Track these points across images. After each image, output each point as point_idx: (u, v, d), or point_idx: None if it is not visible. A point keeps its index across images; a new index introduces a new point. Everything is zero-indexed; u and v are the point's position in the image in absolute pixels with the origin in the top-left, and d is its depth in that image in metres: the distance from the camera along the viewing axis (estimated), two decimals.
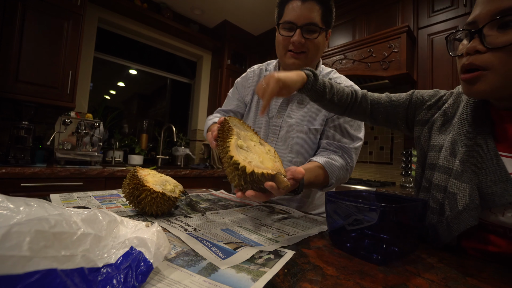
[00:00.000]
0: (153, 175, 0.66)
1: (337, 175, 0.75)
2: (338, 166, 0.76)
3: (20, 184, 1.56)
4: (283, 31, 0.78)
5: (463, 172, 0.47)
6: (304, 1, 0.75)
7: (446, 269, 0.40)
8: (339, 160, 0.78)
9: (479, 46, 0.41)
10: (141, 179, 0.59)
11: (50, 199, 0.67)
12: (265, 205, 0.84)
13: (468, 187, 0.45)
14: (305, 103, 0.87)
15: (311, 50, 0.79)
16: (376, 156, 2.30)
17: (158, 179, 0.65)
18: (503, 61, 0.39)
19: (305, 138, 0.84)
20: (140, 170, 0.64)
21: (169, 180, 0.68)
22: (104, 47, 2.61)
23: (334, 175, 0.74)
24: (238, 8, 2.71)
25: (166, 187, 0.63)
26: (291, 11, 0.76)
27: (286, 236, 0.52)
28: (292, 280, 0.33)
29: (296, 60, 0.79)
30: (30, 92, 1.78)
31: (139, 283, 0.28)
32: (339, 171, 0.75)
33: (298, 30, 0.75)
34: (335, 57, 2.17)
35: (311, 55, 0.80)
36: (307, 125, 0.84)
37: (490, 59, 0.40)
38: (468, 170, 0.46)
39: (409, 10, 1.91)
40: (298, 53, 0.79)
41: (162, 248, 0.32)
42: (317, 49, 0.80)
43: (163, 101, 3.25)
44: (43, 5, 1.81)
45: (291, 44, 0.78)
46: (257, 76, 0.96)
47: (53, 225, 0.27)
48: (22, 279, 0.22)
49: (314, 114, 0.85)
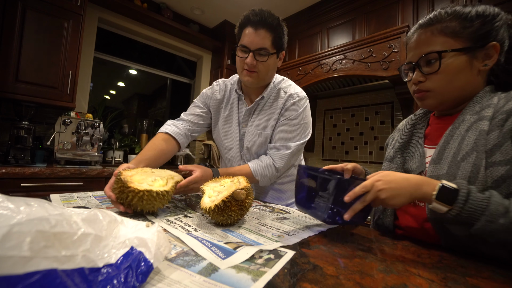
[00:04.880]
0: (142, 173, 0.65)
1: (261, 172, 0.92)
2: (263, 165, 0.93)
3: (20, 184, 1.56)
4: (240, 53, 0.90)
5: (394, 156, 0.69)
6: (257, 29, 0.86)
7: (446, 269, 0.40)
8: (265, 160, 0.94)
9: (420, 78, 0.60)
10: (125, 181, 0.57)
11: (50, 199, 0.67)
12: (265, 205, 0.84)
13: (394, 167, 0.67)
14: (264, 111, 0.99)
15: (262, 71, 0.91)
16: (376, 156, 2.30)
17: (146, 176, 0.63)
18: (436, 84, 0.59)
19: (258, 141, 0.98)
20: (124, 172, 0.63)
21: (162, 174, 0.67)
22: (104, 47, 2.60)
23: (258, 173, 0.92)
24: (238, 8, 2.71)
25: (155, 182, 0.61)
26: (245, 37, 0.87)
27: (286, 236, 0.52)
28: (292, 280, 0.33)
29: (249, 78, 0.91)
30: (30, 92, 1.78)
31: (139, 283, 0.28)
32: (262, 170, 0.93)
33: (251, 53, 0.87)
34: (335, 57, 2.17)
35: (262, 75, 0.92)
36: (260, 130, 0.98)
37: (429, 84, 0.60)
38: (398, 156, 0.68)
39: (409, 10, 1.91)
40: (251, 71, 0.90)
41: (162, 248, 0.33)
42: (267, 69, 0.92)
43: (163, 101, 3.25)
44: (43, 5, 1.81)
45: (245, 64, 0.89)
46: (223, 90, 1.07)
47: (54, 225, 0.27)
48: (22, 279, 0.22)
49: (267, 120, 0.98)
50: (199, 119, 1.07)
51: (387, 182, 0.49)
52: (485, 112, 0.53)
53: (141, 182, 0.60)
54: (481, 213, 0.43)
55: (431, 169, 0.56)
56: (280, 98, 0.98)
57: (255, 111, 1.00)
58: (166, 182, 0.64)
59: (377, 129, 2.33)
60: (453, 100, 0.60)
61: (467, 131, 0.53)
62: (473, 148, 0.50)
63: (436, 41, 0.58)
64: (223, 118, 1.05)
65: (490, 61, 0.56)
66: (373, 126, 2.36)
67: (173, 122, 1.04)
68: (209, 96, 1.08)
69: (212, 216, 0.55)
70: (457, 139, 0.54)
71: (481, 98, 0.57)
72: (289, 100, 0.97)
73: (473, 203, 0.43)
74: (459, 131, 0.55)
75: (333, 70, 2.17)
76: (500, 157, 0.47)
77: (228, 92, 1.07)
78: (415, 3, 1.89)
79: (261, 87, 0.99)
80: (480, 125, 0.52)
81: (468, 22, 0.56)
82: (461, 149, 0.52)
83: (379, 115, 2.33)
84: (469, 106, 0.57)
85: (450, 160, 0.53)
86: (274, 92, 1.00)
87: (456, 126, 0.57)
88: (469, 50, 0.56)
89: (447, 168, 0.53)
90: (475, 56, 0.56)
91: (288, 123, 0.95)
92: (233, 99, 1.04)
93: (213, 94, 1.07)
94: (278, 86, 1.00)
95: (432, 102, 0.61)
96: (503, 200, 0.43)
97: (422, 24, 0.61)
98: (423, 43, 0.60)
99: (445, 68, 0.57)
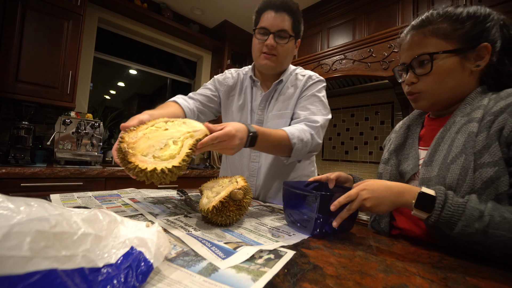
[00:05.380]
0: (151, 133, 0.52)
1: (298, 135, 0.81)
2: (299, 128, 0.83)
3: (20, 184, 1.56)
4: (259, 36, 0.91)
5: (389, 158, 0.70)
6: (277, 11, 0.87)
7: (446, 269, 0.40)
8: (299, 126, 0.85)
9: (413, 79, 0.61)
10: (125, 152, 0.46)
11: (50, 199, 0.67)
12: (265, 205, 0.84)
13: (389, 169, 0.68)
14: (282, 94, 0.97)
15: (281, 54, 0.91)
16: (376, 156, 2.30)
17: (156, 139, 0.51)
18: (428, 85, 0.59)
19: (277, 123, 0.94)
20: (127, 136, 0.49)
21: (178, 131, 0.54)
22: (104, 47, 2.60)
23: (295, 136, 0.81)
24: (238, 8, 2.71)
25: (165, 149, 0.50)
26: (265, 19, 0.89)
27: (286, 236, 0.52)
28: (292, 280, 0.33)
29: (268, 61, 0.91)
30: (30, 92, 1.78)
31: (139, 283, 0.28)
32: (299, 133, 0.82)
33: (271, 35, 0.88)
34: (335, 57, 2.17)
35: (281, 59, 0.92)
36: (280, 111, 0.95)
37: (421, 85, 0.60)
38: (393, 158, 0.69)
39: (409, 10, 1.91)
40: (270, 55, 0.90)
41: (162, 248, 0.33)
42: (287, 53, 0.92)
43: (163, 101, 3.22)
44: (43, 5, 1.81)
45: (265, 47, 0.90)
46: (235, 78, 1.05)
47: (54, 225, 0.27)
48: (22, 279, 0.22)
49: (287, 101, 0.95)
50: (209, 101, 1.03)
51: (371, 191, 0.51)
52: (474, 114, 0.53)
53: (145, 152, 0.48)
54: (458, 218, 0.44)
55: (423, 171, 0.57)
56: (298, 81, 0.97)
57: (273, 96, 0.98)
58: (180, 146, 0.52)
59: (377, 129, 2.33)
60: (445, 101, 0.60)
61: (457, 133, 0.54)
62: (462, 150, 0.51)
63: (428, 42, 0.58)
64: (237, 107, 1.02)
65: (482, 62, 0.56)
66: (373, 126, 2.36)
67: (183, 97, 0.98)
68: (220, 81, 1.06)
69: (211, 217, 0.55)
70: (448, 141, 0.55)
71: (472, 99, 0.57)
72: (309, 81, 0.96)
73: (449, 209, 0.45)
74: (449, 133, 0.56)
75: (333, 70, 2.17)
76: (488, 159, 0.48)
77: (240, 80, 1.05)
78: (415, 3, 1.89)
79: (277, 74, 0.98)
80: (469, 127, 0.52)
81: (459, 24, 0.56)
82: (451, 151, 0.53)
83: (379, 115, 2.33)
84: (460, 108, 0.58)
85: (441, 162, 0.54)
86: (291, 77, 0.99)
87: (447, 128, 0.57)
88: (461, 52, 0.56)
89: (437, 171, 0.53)
90: (467, 57, 0.56)
91: (310, 98, 0.93)
92: (246, 87, 1.02)
93: (225, 80, 1.05)
94: (295, 72, 1.00)
95: (424, 103, 0.62)
96: (480, 204, 0.44)
97: (415, 26, 0.61)
98: (415, 45, 0.60)
99: (437, 70, 0.57)
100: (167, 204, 0.72)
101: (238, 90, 1.04)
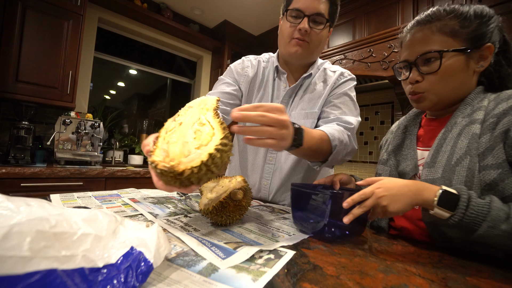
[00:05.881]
0: (172, 137, 0.44)
1: (338, 137, 0.72)
2: (337, 129, 0.74)
3: (20, 184, 1.56)
4: (291, 18, 0.79)
5: (387, 159, 0.69)
6: None
7: (446, 269, 0.40)
8: (336, 127, 0.76)
9: (418, 78, 0.59)
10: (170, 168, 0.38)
11: (50, 199, 0.67)
12: (265, 205, 0.84)
13: (388, 170, 0.68)
14: (309, 91, 0.87)
15: (314, 41, 0.80)
16: (376, 156, 2.30)
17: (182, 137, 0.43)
18: (433, 85, 0.58)
19: (303, 124, 0.79)
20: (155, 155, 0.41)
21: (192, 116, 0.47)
22: (104, 47, 2.60)
23: (336, 137, 0.71)
24: (238, 8, 2.71)
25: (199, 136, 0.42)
26: (300, 0, 0.77)
27: (286, 236, 0.52)
28: (292, 280, 0.33)
29: (299, 48, 0.80)
30: (30, 92, 1.78)
31: (139, 283, 0.28)
32: (339, 134, 0.72)
33: (306, 18, 0.76)
34: (335, 57, 2.17)
35: (313, 47, 0.81)
36: (306, 110, 0.85)
37: (425, 85, 0.59)
38: (392, 158, 0.68)
39: (409, 10, 1.91)
40: (302, 41, 0.79)
41: (162, 248, 0.32)
42: (319, 41, 0.81)
43: (163, 101, 3.25)
44: (43, 5, 1.81)
45: (297, 32, 0.78)
46: (255, 67, 0.93)
47: (54, 225, 0.27)
48: (22, 279, 0.22)
49: (314, 100, 0.85)
50: (230, 99, 0.88)
51: (387, 189, 0.48)
52: (476, 115, 0.53)
53: (186, 153, 0.40)
54: (482, 219, 0.42)
55: (425, 172, 0.56)
56: (328, 77, 0.87)
57: (299, 91, 0.87)
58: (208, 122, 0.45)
59: (377, 129, 2.33)
60: (448, 101, 0.60)
61: (460, 134, 0.53)
62: (466, 152, 0.50)
63: (434, 39, 0.56)
64: (257, 100, 0.90)
65: (485, 62, 0.56)
66: (373, 126, 2.36)
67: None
68: (239, 72, 0.93)
69: (211, 217, 0.55)
70: (450, 142, 0.54)
71: (472, 99, 0.57)
72: (341, 78, 0.87)
73: (474, 209, 0.43)
74: (451, 134, 0.55)
75: None
76: (492, 161, 0.47)
77: (261, 70, 0.92)
78: (415, 3, 1.89)
79: (304, 66, 0.87)
80: (472, 128, 0.52)
81: (467, 22, 0.55)
82: (455, 153, 0.52)
83: (379, 115, 2.33)
84: (460, 108, 0.57)
85: (444, 164, 0.53)
86: (320, 72, 0.89)
87: (448, 129, 0.56)
88: (469, 51, 0.55)
89: (441, 172, 0.53)
90: (472, 56, 0.56)
91: (341, 97, 0.84)
92: (268, 78, 0.91)
93: (244, 70, 0.92)
94: (323, 66, 0.91)
95: (427, 103, 0.61)
96: (503, 205, 0.43)
97: (420, 21, 0.59)
98: (421, 41, 0.58)
99: (444, 69, 0.56)
100: (167, 204, 0.72)
101: (258, 82, 0.91)
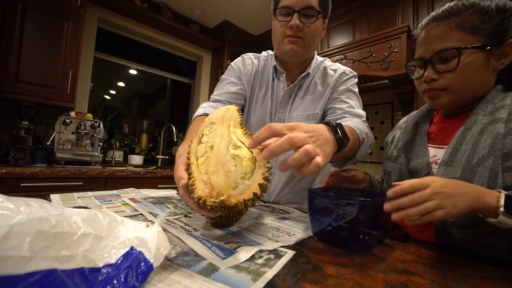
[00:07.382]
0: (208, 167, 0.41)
1: (363, 129, 0.67)
2: (357, 121, 0.69)
3: (20, 184, 1.56)
4: (280, 17, 0.77)
5: (397, 156, 0.65)
6: None
7: (446, 269, 0.40)
8: (355, 119, 0.72)
9: (433, 76, 0.56)
10: (220, 203, 0.37)
11: (50, 199, 0.67)
12: (265, 205, 0.84)
13: (399, 167, 0.64)
14: (309, 92, 0.85)
15: (308, 36, 0.77)
16: (376, 156, 2.30)
17: (221, 165, 0.40)
18: (451, 82, 0.55)
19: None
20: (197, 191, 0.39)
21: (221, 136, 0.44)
22: (104, 47, 2.61)
23: (361, 130, 0.66)
24: (238, 8, 2.71)
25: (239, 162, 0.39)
26: None
27: (286, 236, 0.52)
28: (292, 280, 0.33)
29: (294, 45, 0.77)
30: (30, 92, 1.78)
31: (139, 283, 0.28)
32: (362, 126, 0.67)
33: (296, 14, 0.74)
34: (335, 57, 2.17)
35: (308, 42, 0.78)
36: (307, 111, 0.82)
37: (442, 82, 0.55)
38: (402, 155, 0.64)
39: (409, 10, 1.91)
40: (296, 38, 0.77)
41: (162, 248, 0.32)
42: (314, 35, 0.78)
43: (163, 101, 3.25)
44: (43, 5, 1.81)
45: (289, 29, 0.76)
46: (256, 65, 0.91)
47: (54, 225, 0.27)
48: (22, 279, 0.22)
49: (315, 101, 0.83)
50: (236, 98, 0.86)
51: (442, 186, 0.41)
52: (499, 114, 0.50)
53: (233, 184, 0.38)
54: None
55: (441, 171, 0.53)
56: (329, 76, 0.85)
57: (298, 92, 0.85)
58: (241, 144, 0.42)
59: (377, 129, 2.33)
60: (466, 99, 0.57)
61: (481, 133, 0.50)
62: (490, 152, 0.47)
63: (452, 36, 0.53)
64: (258, 101, 0.87)
65: (506, 60, 0.53)
66: (373, 126, 2.36)
67: (210, 104, 0.84)
68: (241, 69, 0.89)
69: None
70: (470, 141, 0.51)
71: (493, 97, 0.54)
72: (343, 76, 0.84)
73: None
74: (471, 133, 0.52)
75: None
76: None
77: (261, 68, 0.90)
78: (415, 3, 1.89)
79: (302, 63, 0.85)
80: (496, 127, 0.49)
81: (488, 17, 0.52)
82: (476, 152, 0.49)
83: (379, 115, 2.33)
84: (480, 106, 0.54)
85: (464, 163, 0.50)
86: (319, 71, 0.86)
87: (468, 127, 0.53)
88: (489, 47, 0.52)
89: (460, 172, 0.50)
90: (492, 54, 0.53)
91: (346, 93, 0.81)
92: (267, 78, 0.88)
93: (246, 68, 0.89)
94: (322, 65, 0.87)
95: (444, 101, 0.57)
96: None
97: (436, 17, 0.56)
98: (437, 38, 0.55)
99: (463, 66, 0.53)
100: (167, 204, 0.72)
101: (259, 81, 0.89)
